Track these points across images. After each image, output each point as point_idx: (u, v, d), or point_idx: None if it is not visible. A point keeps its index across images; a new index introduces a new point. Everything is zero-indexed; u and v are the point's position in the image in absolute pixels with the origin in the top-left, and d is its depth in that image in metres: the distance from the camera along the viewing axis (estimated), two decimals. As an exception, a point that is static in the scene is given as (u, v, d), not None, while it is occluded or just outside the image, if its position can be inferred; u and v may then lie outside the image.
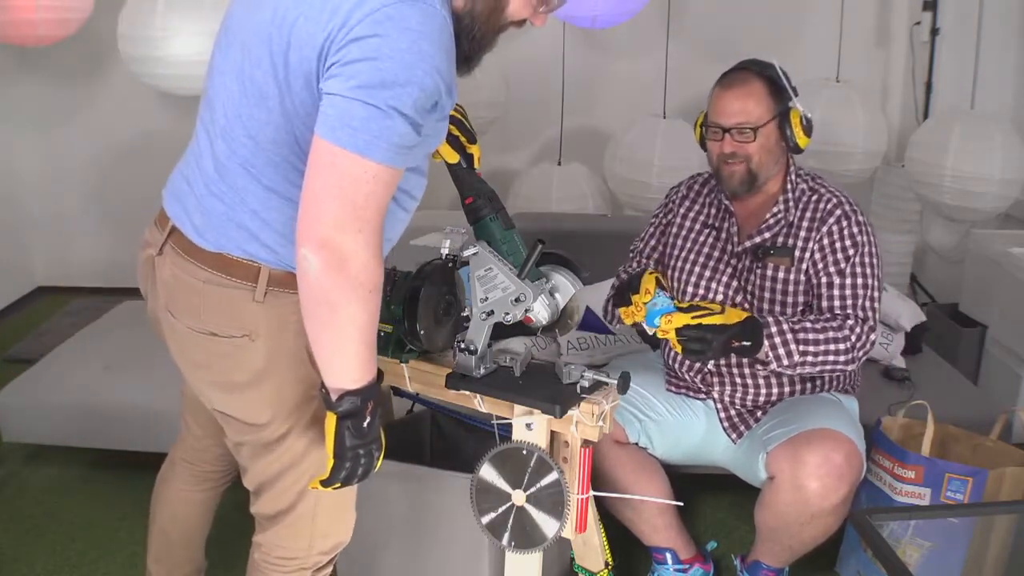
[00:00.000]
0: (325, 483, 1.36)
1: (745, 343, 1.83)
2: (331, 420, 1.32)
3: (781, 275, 2.02)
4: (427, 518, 1.90)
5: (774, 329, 1.88)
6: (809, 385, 2.09)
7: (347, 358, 1.28)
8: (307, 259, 1.21)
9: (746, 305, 2.05)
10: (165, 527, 1.80)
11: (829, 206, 2.02)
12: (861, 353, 1.94)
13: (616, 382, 1.58)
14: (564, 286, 1.65)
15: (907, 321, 2.77)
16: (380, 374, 1.35)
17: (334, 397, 1.30)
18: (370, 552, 1.95)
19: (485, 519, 1.67)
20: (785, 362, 1.88)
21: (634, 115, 3.65)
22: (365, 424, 1.32)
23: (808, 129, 1.99)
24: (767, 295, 2.03)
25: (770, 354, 1.87)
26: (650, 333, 1.85)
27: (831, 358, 1.90)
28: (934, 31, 3.75)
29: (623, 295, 1.91)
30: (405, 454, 1.92)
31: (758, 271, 2.04)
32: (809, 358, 1.89)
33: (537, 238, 1.59)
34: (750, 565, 2.09)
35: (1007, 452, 2.11)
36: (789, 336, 1.87)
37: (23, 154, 4.17)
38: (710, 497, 2.55)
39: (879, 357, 2.71)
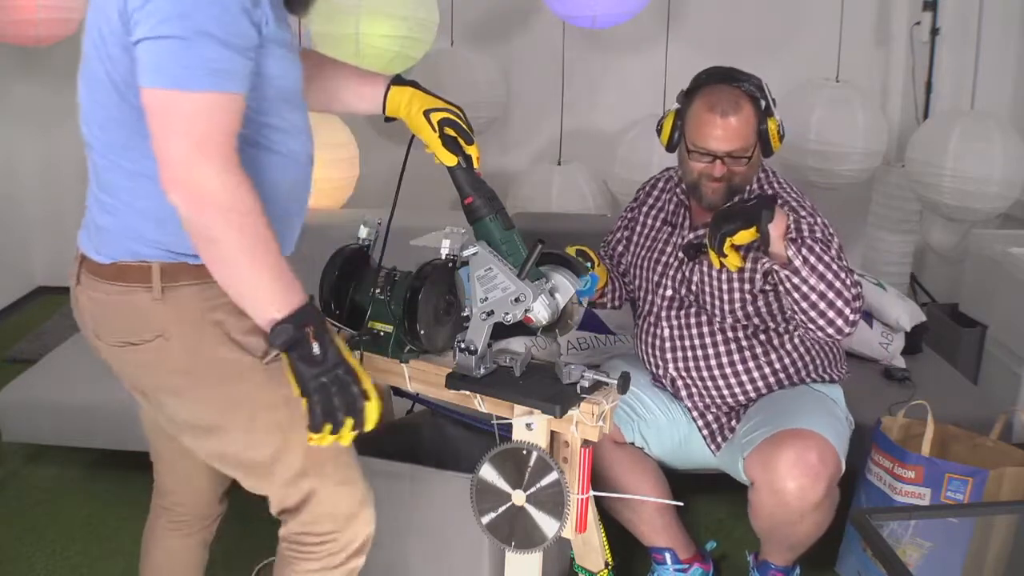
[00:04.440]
0: (312, 430, 1.32)
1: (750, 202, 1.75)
2: (284, 359, 1.31)
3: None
4: (427, 518, 1.90)
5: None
6: (793, 371, 2.05)
7: (255, 288, 1.27)
8: (176, 206, 1.22)
9: (690, 298, 2.04)
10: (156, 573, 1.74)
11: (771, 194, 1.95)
12: (856, 316, 1.80)
13: (616, 382, 1.58)
14: (564, 286, 1.65)
15: (907, 321, 2.76)
16: (311, 298, 1.32)
17: (269, 333, 1.28)
18: (370, 552, 1.94)
19: (485, 519, 1.67)
20: (811, 258, 1.75)
21: (634, 115, 3.65)
22: (315, 351, 1.29)
23: (782, 135, 1.96)
24: (707, 288, 2.01)
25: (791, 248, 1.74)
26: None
27: (837, 301, 1.77)
28: (934, 31, 3.75)
29: None
30: (405, 454, 1.92)
31: (697, 266, 2.02)
32: (821, 267, 1.75)
33: (537, 238, 1.59)
34: (760, 564, 2.09)
35: (1007, 452, 2.11)
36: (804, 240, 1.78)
37: (23, 154, 4.17)
38: (709, 497, 2.55)
39: (879, 357, 2.71)
